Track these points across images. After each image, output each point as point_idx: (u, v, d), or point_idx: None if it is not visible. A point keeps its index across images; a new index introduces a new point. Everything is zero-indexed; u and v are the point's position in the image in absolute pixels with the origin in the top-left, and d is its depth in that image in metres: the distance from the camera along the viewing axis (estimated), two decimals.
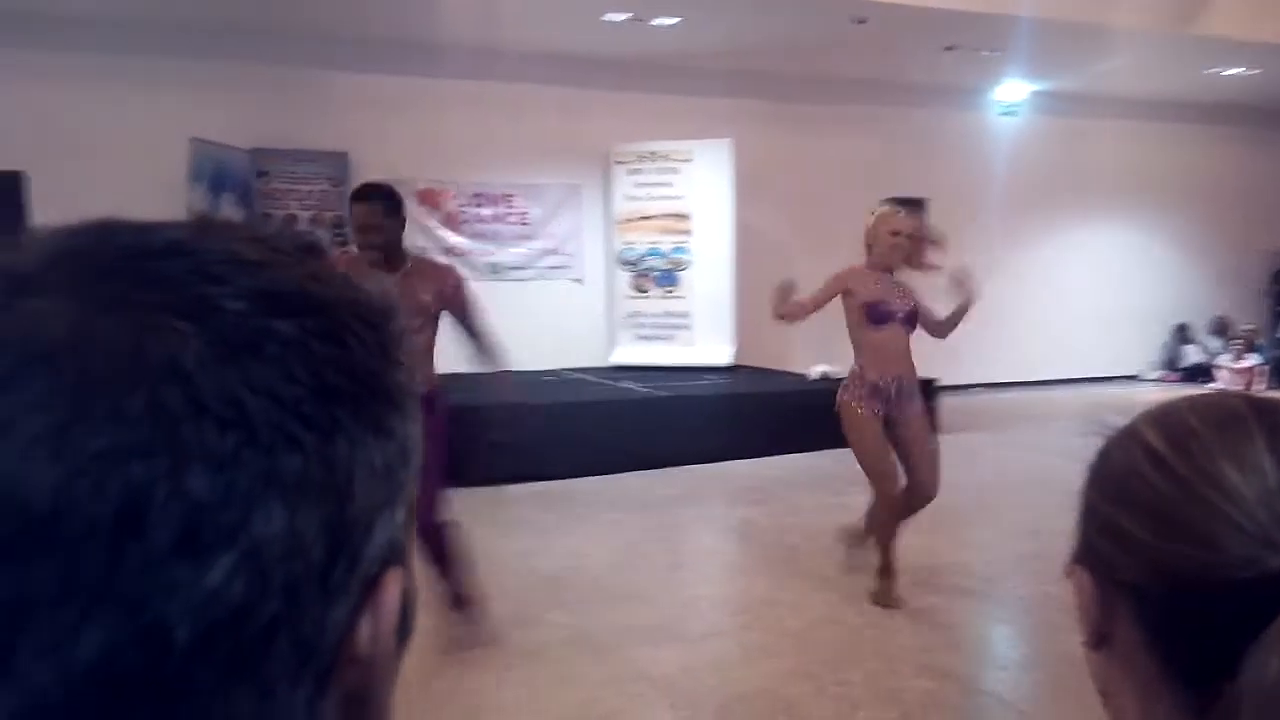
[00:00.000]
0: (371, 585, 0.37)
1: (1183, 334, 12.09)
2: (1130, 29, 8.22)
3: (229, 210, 8.20)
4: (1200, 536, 0.57)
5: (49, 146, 7.50)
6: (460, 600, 3.77)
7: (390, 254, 3.61)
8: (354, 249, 3.63)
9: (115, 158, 7.85)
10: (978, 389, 10.74)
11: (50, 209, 6.79)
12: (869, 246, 4.48)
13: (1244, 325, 11.87)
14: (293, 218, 8.67)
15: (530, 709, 3.36)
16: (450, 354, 4.06)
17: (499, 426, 6.78)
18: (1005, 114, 11.02)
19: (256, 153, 8.44)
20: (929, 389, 8.67)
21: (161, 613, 0.30)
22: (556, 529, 5.63)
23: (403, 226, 3.69)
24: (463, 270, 4.05)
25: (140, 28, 7.85)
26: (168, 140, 7.59)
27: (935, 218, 9.00)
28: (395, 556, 0.38)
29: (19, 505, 0.29)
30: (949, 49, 8.80)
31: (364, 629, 0.36)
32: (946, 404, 8.87)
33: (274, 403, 0.33)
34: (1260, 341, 11.71)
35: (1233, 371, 11.35)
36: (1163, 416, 0.64)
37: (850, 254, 10.08)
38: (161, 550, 0.30)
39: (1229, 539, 0.56)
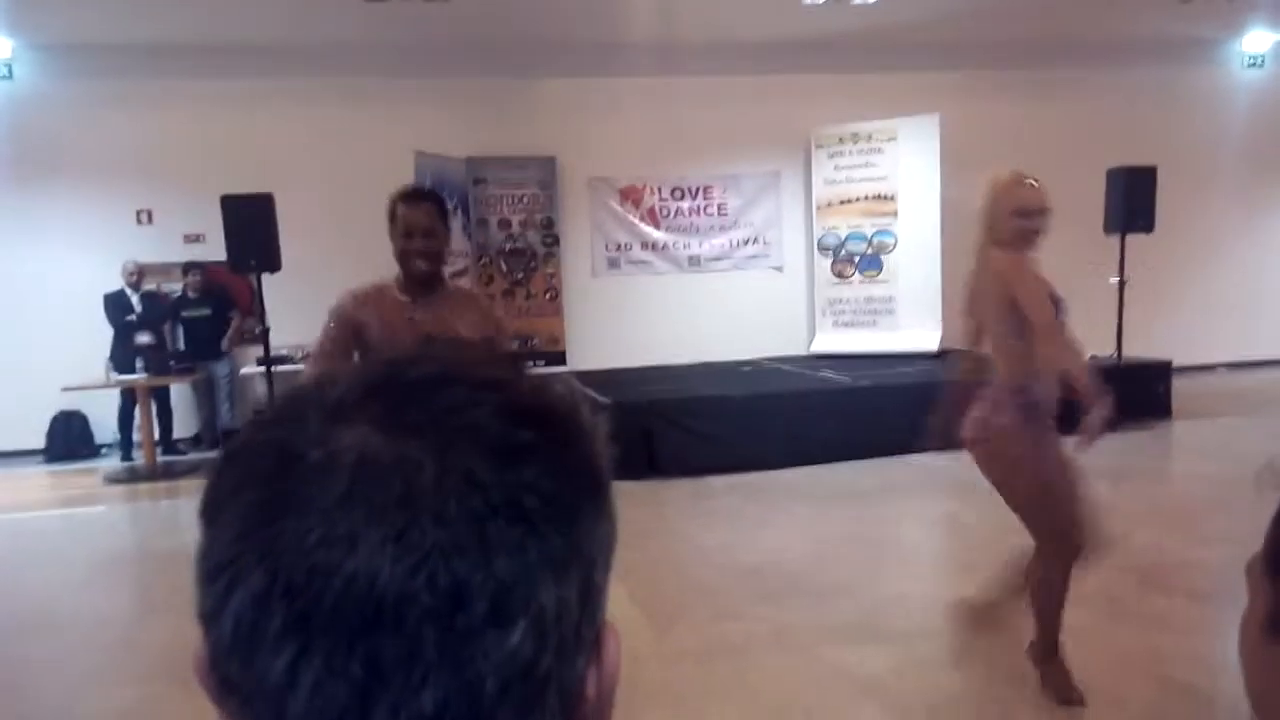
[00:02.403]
0: (597, 639, 0.46)
1: None
2: None
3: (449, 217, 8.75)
4: None
5: (292, 168, 8.30)
6: None
7: (436, 269, 3.09)
8: (382, 277, 3.17)
9: (349, 174, 8.59)
10: (1218, 369, 9.84)
11: (297, 225, 7.52)
12: (989, 227, 3.51)
13: None
14: (505, 221, 9.15)
15: (734, 703, 3.44)
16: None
17: (699, 418, 6.91)
18: (1250, 66, 9.98)
19: (472, 161, 8.96)
20: (1164, 370, 8.06)
21: (479, 671, 0.40)
22: (758, 521, 5.67)
23: (449, 239, 3.19)
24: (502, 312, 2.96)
25: (365, 52, 8.53)
26: (395, 155, 8.20)
27: (1168, 186, 8.31)
28: (604, 615, 0.47)
29: (373, 596, 0.39)
30: (1186, 1, 8.09)
31: (591, 676, 0.45)
32: (1182, 386, 8.21)
33: (541, 500, 0.42)
34: None
35: None
36: None
37: (1072, 228, 9.53)
38: (478, 622, 0.39)
39: None
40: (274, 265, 7.13)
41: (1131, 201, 8.04)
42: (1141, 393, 7.87)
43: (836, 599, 4.33)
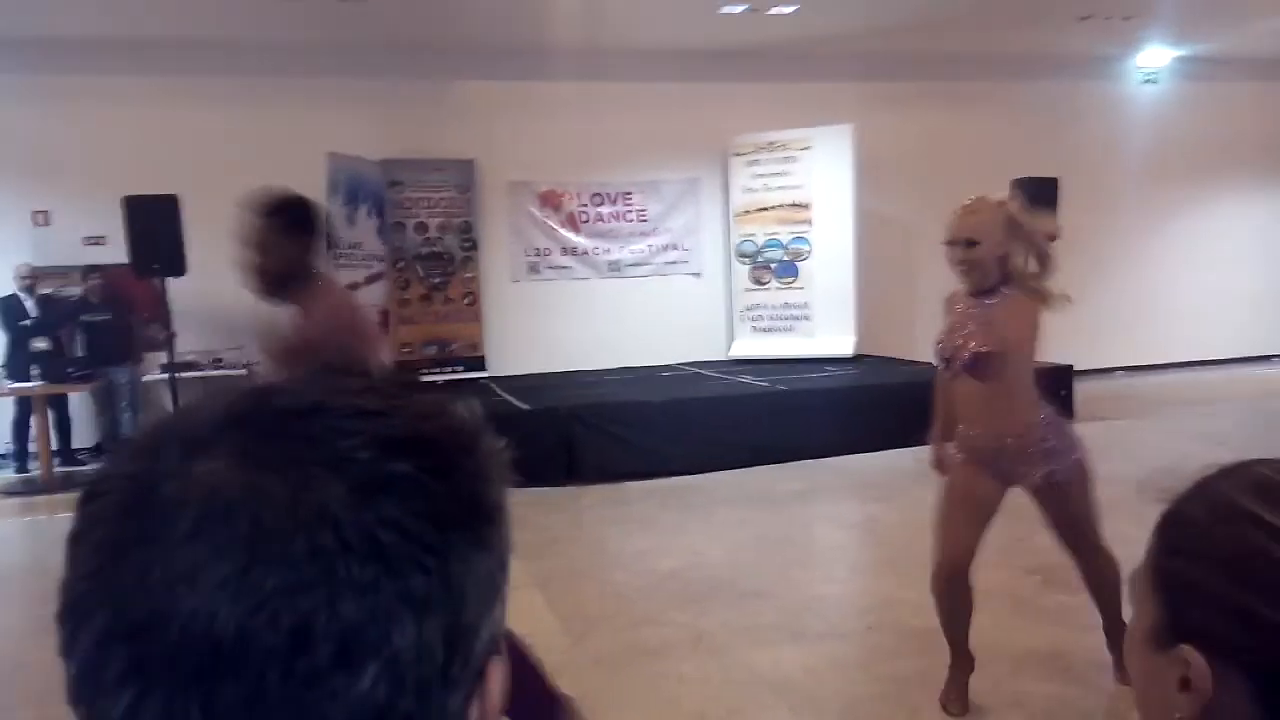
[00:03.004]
0: (479, 675, 0.44)
1: None
2: None
3: (364, 221, 8.60)
4: None
5: (198, 168, 8.04)
6: None
7: (266, 289, 3.12)
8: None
9: (260, 175, 8.29)
10: (1118, 372, 10.25)
11: (204, 227, 7.30)
12: None
13: None
14: (423, 225, 9.03)
15: (651, 709, 3.44)
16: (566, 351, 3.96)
17: (619, 424, 6.91)
18: (1146, 81, 10.44)
19: (388, 163, 8.82)
20: (1069, 374, 8.35)
21: (325, 715, 0.38)
22: (677, 526, 5.70)
23: (303, 250, 3.15)
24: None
25: (276, 50, 8.32)
26: (307, 156, 8.00)
27: (1070, 196, 8.62)
28: (495, 648, 0.46)
29: (211, 637, 0.37)
30: (1084, 18, 8.40)
31: (474, 712, 0.44)
32: (1084, 390, 8.52)
33: (401, 536, 0.40)
34: None
35: None
36: (1259, 482, 0.64)
37: None
38: (324, 665, 0.38)
39: None
40: (179, 269, 6.93)
41: (1036, 211, 8.30)
42: (1045, 396, 8.13)
43: (754, 602, 4.37)
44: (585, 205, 9.48)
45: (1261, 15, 8.46)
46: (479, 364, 8.99)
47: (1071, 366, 8.47)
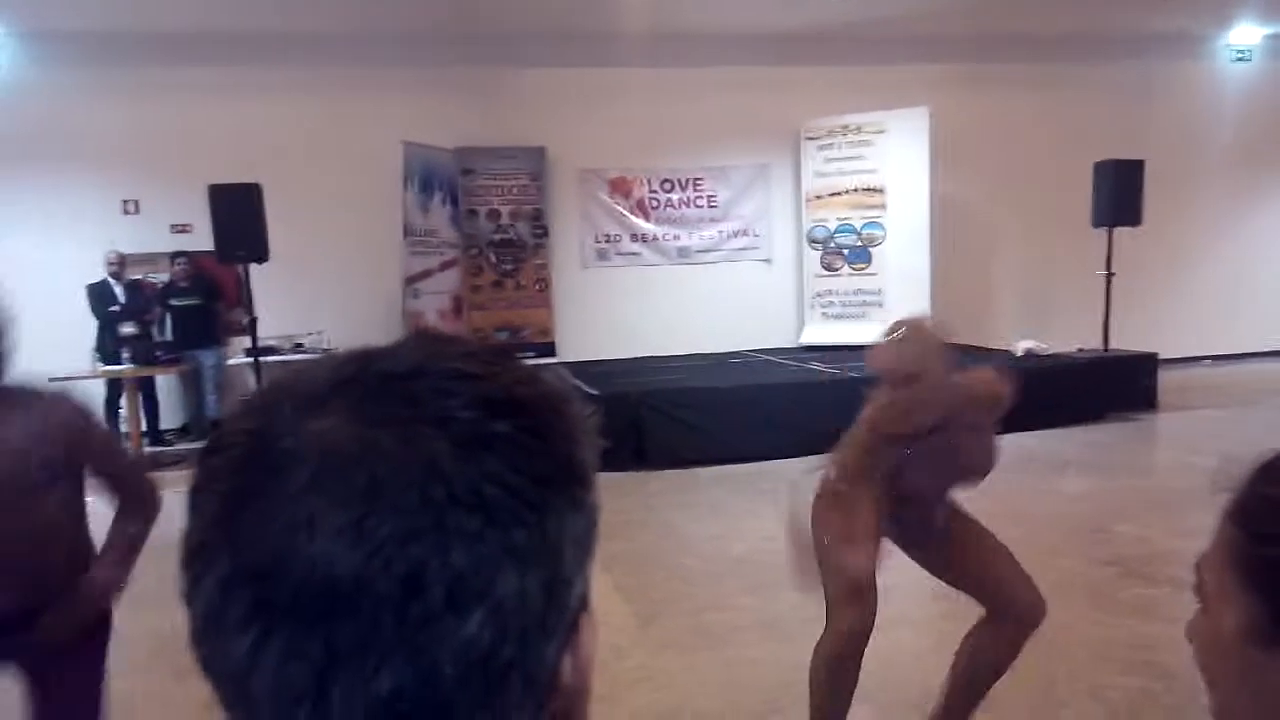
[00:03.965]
0: (571, 628, 0.46)
1: None
2: None
3: (438, 208, 8.74)
4: None
5: (279, 158, 8.26)
6: None
7: None
8: None
9: (338, 164, 8.56)
10: (1203, 361, 9.90)
11: (283, 215, 7.49)
12: None
13: None
14: (495, 212, 9.14)
15: (720, 692, 3.45)
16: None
17: (688, 410, 6.91)
18: (1237, 60, 10.02)
19: (460, 151, 8.94)
20: (1150, 363, 8.09)
21: (435, 657, 0.41)
22: (746, 512, 5.69)
23: None
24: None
25: (354, 42, 8.49)
26: (383, 145, 8.17)
27: (1156, 179, 8.34)
28: (586, 604, 0.48)
29: (330, 581, 0.40)
30: None
31: (567, 664, 0.46)
32: (1167, 379, 8.26)
33: (504, 490, 0.43)
34: None
35: None
36: None
37: (1060, 221, 9.57)
38: (435, 609, 0.40)
39: None
40: (262, 255, 7.11)
41: (1119, 195, 8.07)
42: (1127, 385, 7.92)
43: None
44: (655, 192, 9.49)
45: None
46: (550, 349, 9.08)
47: (1156, 355, 8.22)
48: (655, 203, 9.50)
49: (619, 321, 9.36)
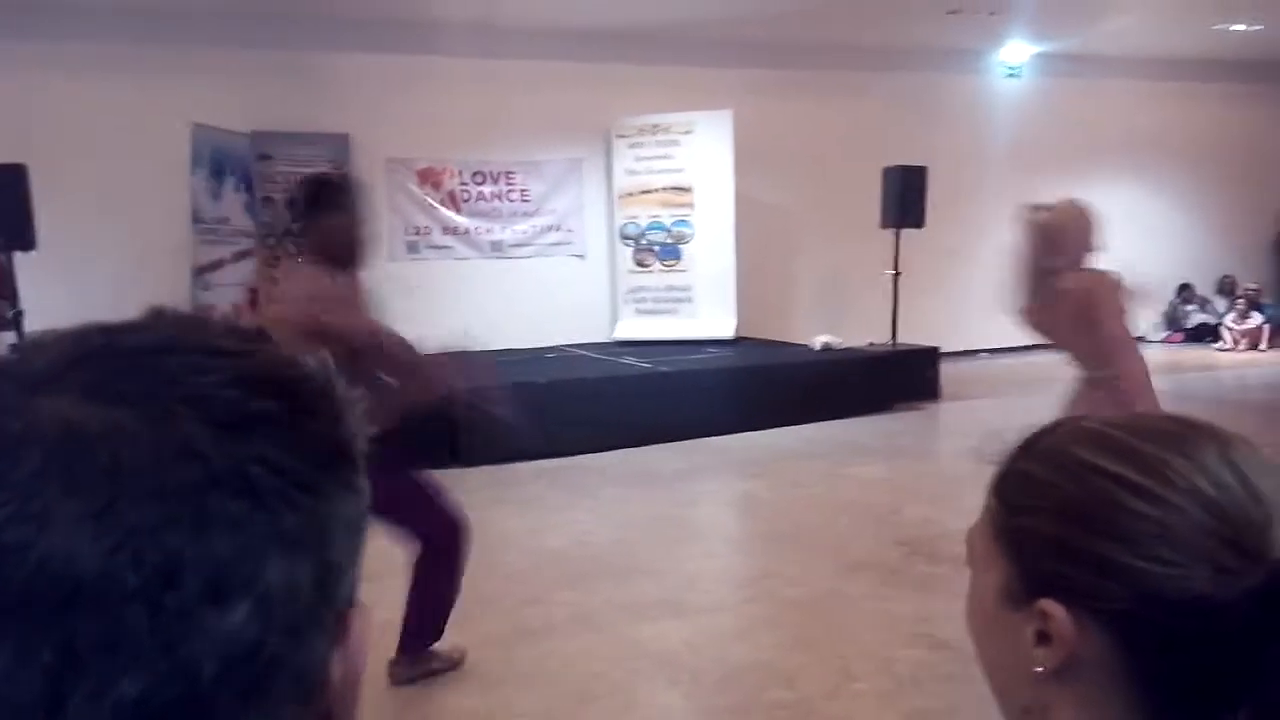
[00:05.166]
0: (341, 621, 0.44)
1: (1186, 294, 12.05)
2: None
3: (231, 195, 8.26)
4: (1182, 554, 0.60)
5: (51, 138, 7.55)
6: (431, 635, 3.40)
7: None
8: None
9: (117, 147, 7.91)
10: (980, 354, 10.77)
11: (54, 200, 6.87)
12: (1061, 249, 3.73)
13: (1249, 284, 11.83)
14: (295, 200, 8.72)
15: (535, 685, 3.46)
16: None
17: (502, 405, 6.86)
18: (1009, 76, 10.94)
19: (257, 136, 8.47)
20: (932, 356, 8.72)
21: (193, 652, 0.37)
22: (563, 506, 5.72)
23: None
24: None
25: (138, 15, 7.88)
26: (168, 127, 7.62)
27: (938, 184, 8.98)
28: (354, 600, 0.45)
29: (69, 576, 0.35)
30: (952, 12, 8.74)
31: (336, 660, 0.43)
32: (949, 371, 8.92)
33: (272, 472, 0.39)
34: (1265, 301, 11.69)
35: (1238, 331, 11.34)
36: (1100, 437, 0.66)
37: (853, 222, 10.14)
38: (193, 600, 0.37)
39: (1208, 554, 0.59)
40: (27, 243, 6.51)
41: (905, 199, 8.65)
42: (913, 376, 8.50)
43: (639, 579, 4.43)
44: (466, 184, 9.34)
45: (1116, 14, 8.96)
46: None
47: (938, 348, 8.86)
48: (467, 195, 9.35)
49: (429, 316, 9.13)
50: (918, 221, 8.72)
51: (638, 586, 4.34)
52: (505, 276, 9.46)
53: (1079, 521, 0.64)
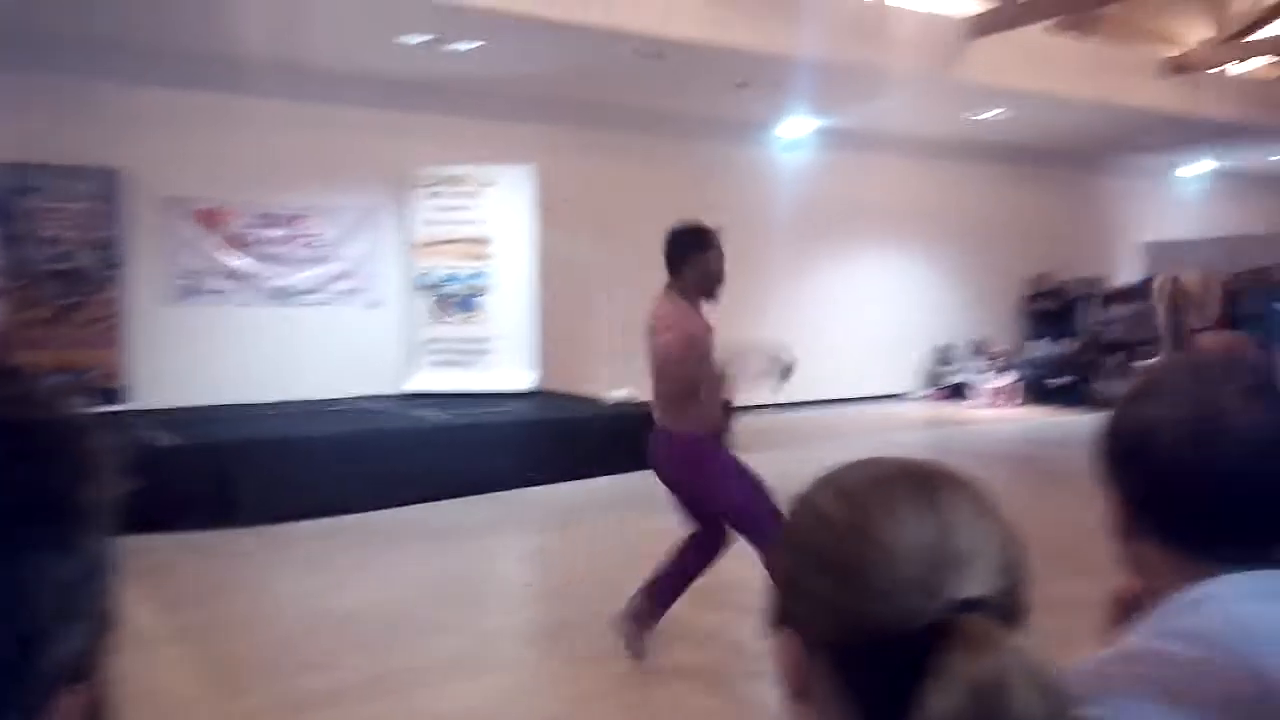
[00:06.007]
0: (51, 696, 0.37)
1: (945, 354, 13.14)
2: (899, 73, 8.93)
3: None
4: (876, 592, 0.65)
5: None
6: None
7: None
8: None
9: None
10: (767, 409, 11.25)
11: None
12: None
13: (1001, 346, 13.07)
14: (55, 239, 7.99)
15: None
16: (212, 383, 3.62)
17: (285, 461, 6.49)
18: (789, 148, 11.67)
19: (16, 168, 7.73)
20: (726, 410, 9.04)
21: None
22: (351, 566, 5.45)
23: None
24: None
25: None
26: None
27: (729, 245, 9.38)
28: (78, 671, 0.39)
29: None
30: (740, 85, 9.25)
31: None
32: (743, 423, 9.25)
33: None
34: (1014, 361, 12.93)
35: (990, 390, 12.46)
36: (834, 482, 0.73)
37: (651, 280, 10.36)
38: None
39: (899, 592, 0.64)
40: None
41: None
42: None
43: (432, 640, 4.27)
44: (251, 226, 8.88)
45: (883, 96, 9.77)
46: (117, 395, 8.06)
47: (730, 402, 9.17)
48: (251, 238, 8.88)
49: (208, 365, 8.57)
50: None
51: (431, 647, 4.18)
52: (292, 324, 9.03)
53: (802, 559, 0.70)
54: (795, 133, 11.45)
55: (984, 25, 8.79)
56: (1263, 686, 0.77)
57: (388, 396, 8.94)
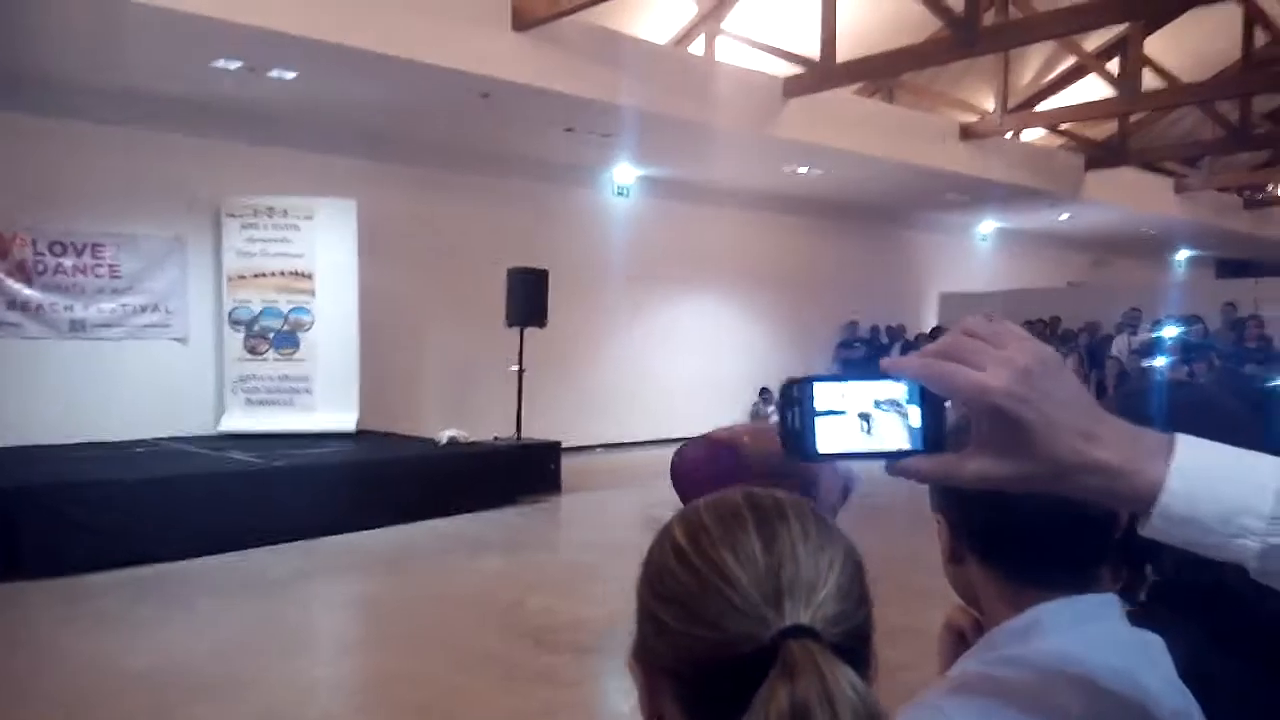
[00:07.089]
0: None
1: (765, 396, 13.63)
2: (721, 128, 9.28)
3: None
4: (711, 621, 0.67)
5: None
6: None
7: None
8: None
9: None
10: (597, 449, 11.33)
11: None
12: None
13: None
14: None
15: None
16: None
17: (79, 506, 5.97)
18: (618, 195, 11.90)
19: None
20: (555, 450, 9.01)
21: None
22: (151, 620, 5.05)
23: None
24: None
25: None
26: None
27: (559, 287, 9.43)
28: None
29: None
30: (568, 130, 9.36)
31: None
32: (571, 464, 9.25)
33: None
34: None
35: None
36: (687, 514, 0.75)
37: (479, 319, 10.36)
38: None
39: (732, 620, 0.66)
40: None
41: (528, 299, 9.00)
42: (536, 470, 8.71)
43: (242, 696, 4.01)
44: (42, 254, 8.19)
45: (705, 149, 10.12)
46: None
47: (559, 443, 9.17)
48: (42, 267, 8.19)
49: None
50: (540, 321, 9.08)
51: (241, 705, 3.92)
52: (89, 360, 8.37)
53: (653, 589, 0.72)
54: (626, 179, 11.70)
55: (797, 86, 9.29)
56: (1095, 711, 0.81)
57: (198, 438, 8.42)
